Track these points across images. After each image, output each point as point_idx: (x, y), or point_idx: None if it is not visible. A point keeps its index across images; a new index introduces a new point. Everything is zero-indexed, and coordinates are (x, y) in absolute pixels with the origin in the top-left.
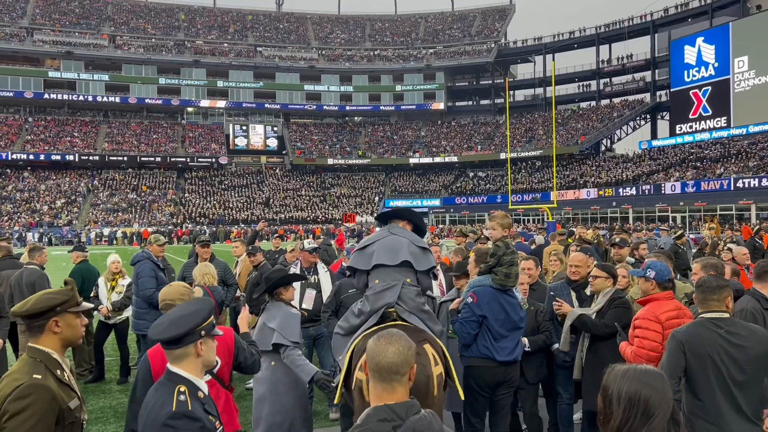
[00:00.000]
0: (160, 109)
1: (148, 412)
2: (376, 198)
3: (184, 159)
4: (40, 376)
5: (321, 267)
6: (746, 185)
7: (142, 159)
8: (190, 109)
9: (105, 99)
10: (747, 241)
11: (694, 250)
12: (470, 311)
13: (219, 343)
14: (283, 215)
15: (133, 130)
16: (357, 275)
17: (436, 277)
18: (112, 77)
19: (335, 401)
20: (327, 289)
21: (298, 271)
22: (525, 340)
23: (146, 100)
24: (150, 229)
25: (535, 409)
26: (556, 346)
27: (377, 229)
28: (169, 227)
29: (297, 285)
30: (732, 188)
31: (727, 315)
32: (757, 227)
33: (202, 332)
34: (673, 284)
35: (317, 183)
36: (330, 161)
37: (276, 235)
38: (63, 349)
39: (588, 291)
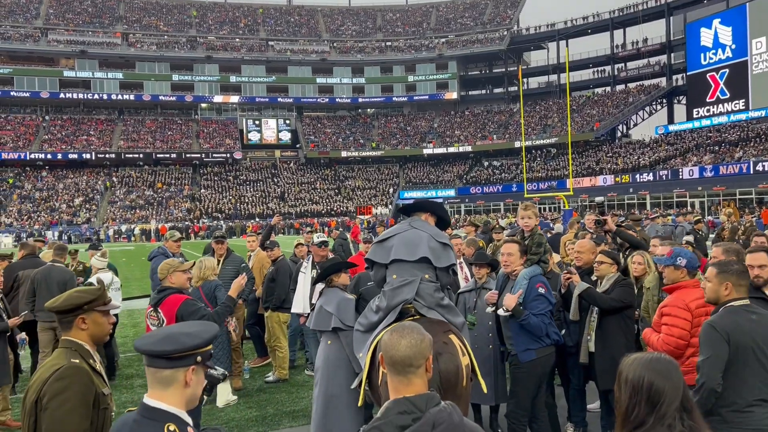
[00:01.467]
0: (174, 106)
1: None
2: (391, 189)
3: (199, 155)
4: (77, 360)
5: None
6: (766, 168)
7: (158, 156)
8: (203, 105)
9: (119, 97)
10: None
11: (712, 235)
12: (546, 302)
13: (166, 309)
14: (298, 209)
15: (148, 128)
16: (375, 268)
17: (455, 273)
18: (126, 75)
19: (359, 404)
20: None
21: (309, 266)
22: None
23: (160, 97)
24: (167, 225)
25: (549, 397)
26: (563, 331)
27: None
28: (186, 223)
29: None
30: (751, 171)
31: (748, 300)
32: None
33: (198, 358)
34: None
35: (331, 176)
36: (344, 154)
37: (310, 230)
38: (93, 344)
39: (593, 276)
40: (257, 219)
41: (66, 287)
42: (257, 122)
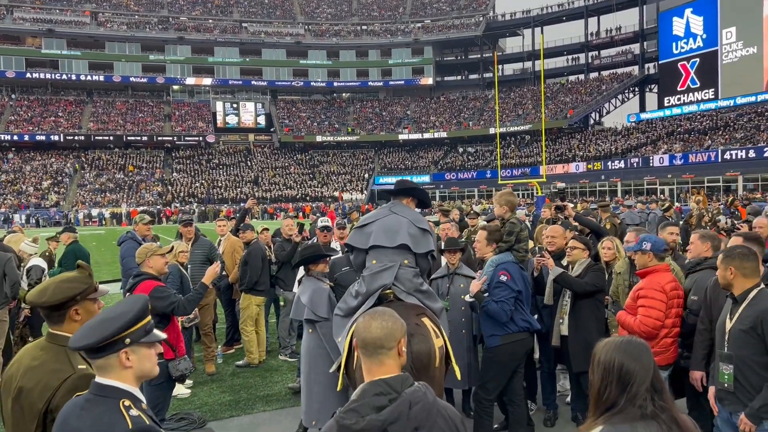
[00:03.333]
0: (145, 88)
1: None
2: (366, 175)
3: (171, 138)
4: (84, 366)
5: (335, 245)
6: (733, 157)
7: (129, 138)
8: (175, 87)
9: (89, 78)
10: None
11: (681, 222)
12: (508, 289)
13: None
14: (272, 193)
15: (119, 109)
16: (355, 253)
17: (434, 259)
18: (95, 55)
19: (338, 388)
20: None
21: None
22: None
23: (131, 79)
24: (139, 209)
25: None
26: (535, 316)
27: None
28: (158, 207)
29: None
30: (719, 160)
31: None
32: (732, 198)
33: (127, 340)
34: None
35: (306, 160)
36: (319, 138)
37: (285, 215)
38: None
39: (564, 261)
40: (230, 203)
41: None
42: (235, 105)
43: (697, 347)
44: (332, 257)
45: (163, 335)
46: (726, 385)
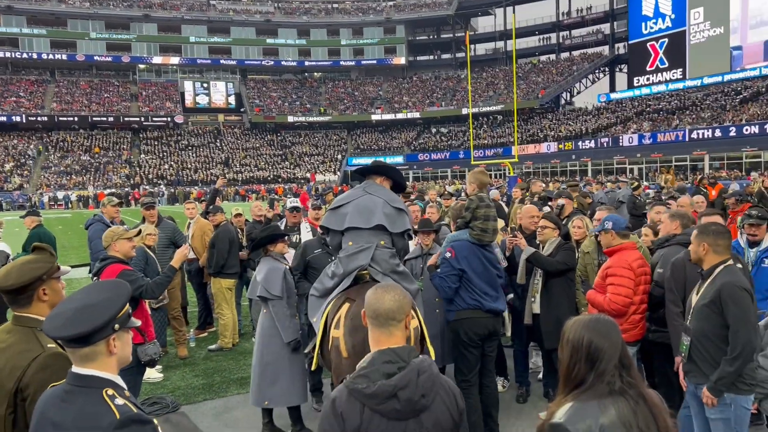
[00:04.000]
0: (110, 67)
1: None
2: (339, 156)
3: (138, 118)
4: (54, 345)
5: (304, 226)
6: (700, 136)
7: (94, 119)
8: (141, 66)
9: (51, 56)
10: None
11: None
12: (449, 266)
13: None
14: (243, 175)
15: (83, 89)
16: (330, 235)
17: (411, 238)
18: (57, 33)
19: (312, 368)
20: None
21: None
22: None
23: (95, 57)
24: (106, 192)
25: None
26: (511, 296)
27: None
28: (126, 189)
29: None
30: (687, 139)
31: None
32: (700, 177)
33: (116, 326)
34: (630, 231)
35: (277, 141)
36: (290, 119)
37: (257, 196)
38: None
39: (536, 241)
40: (200, 185)
41: None
42: (205, 85)
43: (675, 331)
44: (304, 240)
45: (138, 321)
46: (683, 354)
